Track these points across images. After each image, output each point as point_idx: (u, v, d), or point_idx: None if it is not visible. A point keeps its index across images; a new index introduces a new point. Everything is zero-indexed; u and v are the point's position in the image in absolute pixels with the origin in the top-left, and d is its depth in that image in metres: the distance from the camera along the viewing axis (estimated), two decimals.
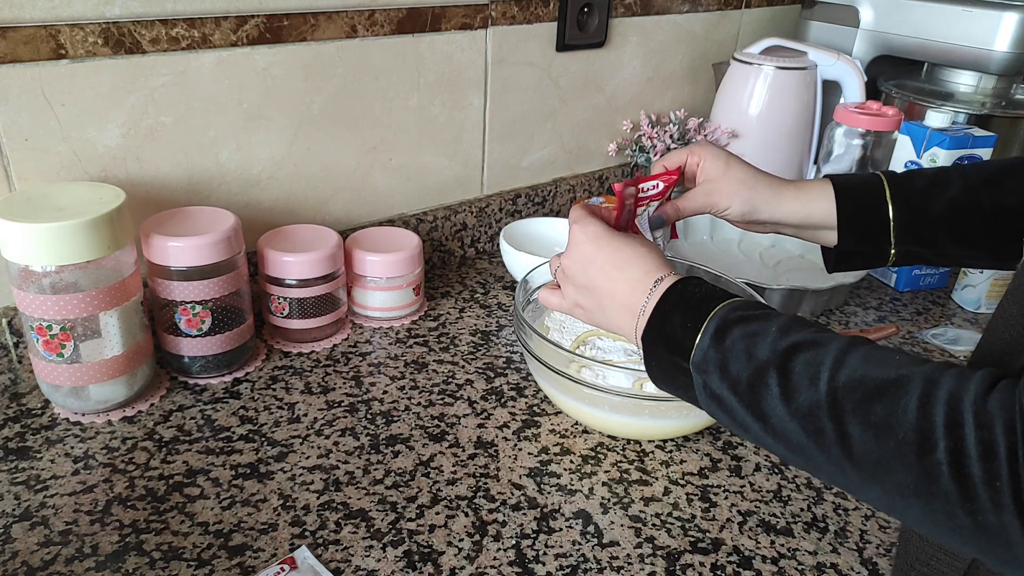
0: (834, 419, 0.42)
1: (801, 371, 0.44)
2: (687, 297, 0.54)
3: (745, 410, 0.47)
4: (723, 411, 0.49)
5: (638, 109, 1.26)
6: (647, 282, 0.56)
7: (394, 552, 0.61)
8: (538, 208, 1.19)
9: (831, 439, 0.42)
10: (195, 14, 0.78)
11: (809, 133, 1.25)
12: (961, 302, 1.06)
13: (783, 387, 0.45)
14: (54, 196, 0.71)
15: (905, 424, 0.39)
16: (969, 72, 1.20)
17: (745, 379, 0.47)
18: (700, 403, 0.52)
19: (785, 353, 0.46)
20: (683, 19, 1.26)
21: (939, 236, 0.65)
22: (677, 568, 0.61)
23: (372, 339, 0.91)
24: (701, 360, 0.50)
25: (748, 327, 0.49)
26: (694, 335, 0.51)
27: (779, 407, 0.45)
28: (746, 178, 0.67)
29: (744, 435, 0.49)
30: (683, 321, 0.52)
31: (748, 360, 0.47)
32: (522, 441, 0.75)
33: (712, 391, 0.49)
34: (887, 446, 0.40)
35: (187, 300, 0.77)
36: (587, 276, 0.59)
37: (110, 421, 0.74)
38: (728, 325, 0.50)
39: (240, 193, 0.89)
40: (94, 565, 0.58)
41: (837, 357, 0.44)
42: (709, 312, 0.51)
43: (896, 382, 0.41)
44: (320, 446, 0.72)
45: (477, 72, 1.04)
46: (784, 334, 0.47)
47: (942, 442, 0.38)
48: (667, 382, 0.55)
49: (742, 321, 0.49)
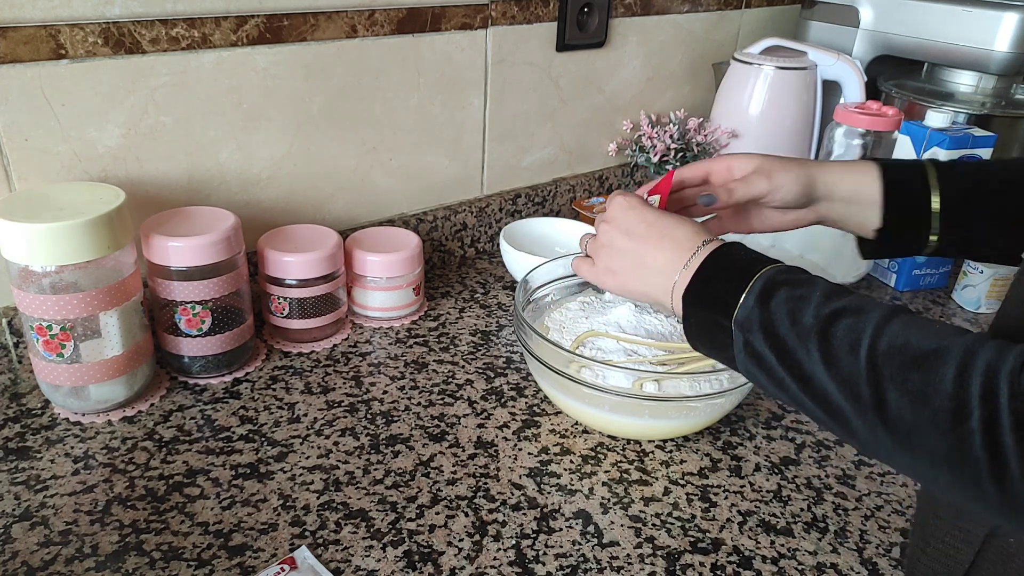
0: (872, 385, 0.43)
1: (843, 337, 0.45)
2: (733, 259, 0.55)
3: (785, 371, 0.48)
4: (762, 370, 0.50)
5: (638, 109, 1.26)
6: (695, 241, 0.57)
7: (394, 552, 0.61)
8: (538, 208, 1.19)
9: (868, 404, 0.43)
10: (195, 14, 0.78)
11: (809, 133, 1.25)
12: (961, 302, 1.06)
13: (824, 352, 0.46)
14: (54, 196, 0.71)
15: (942, 393, 0.40)
16: (969, 72, 1.20)
17: (789, 341, 0.48)
18: (736, 361, 0.53)
19: (828, 318, 0.47)
20: (683, 19, 1.26)
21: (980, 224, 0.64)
22: (677, 568, 0.61)
23: (372, 339, 0.91)
24: (744, 318, 0.51)
25: (794, 291, 0.50)
26: (738, 294, 0.51)
27: (820, 370, 0.46)
28: (787, 159, 0.67)
29: (780, 394, 0.50)
30: (727, 280, 0.53)
31: (792, 323, 0.48)
32: (522, 441, 0.75)
33: (754, 349, 0.50)
34: (922, 413, 0.41)
35: (187, 300, 0.77)
36: (630, 237, 0.60)
37: (110, 421, 0.74)
38: (774, 287, 0.51)
39: (240, 193, 0.89)
40: (94, 565, 0.58)
41: (878, 324, 0.45)
42: (755, 273, 0.52)
43: (935, 352, 0.42)
44: (320, 446, 0.72)
45: (477, 72, 1.04)
46: (828, 300, 0.48)
47: (976, 411, 0.39)
48: (704, 340, 0.55)
49: (788, 284, 0.50)
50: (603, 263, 0.63)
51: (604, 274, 0.63)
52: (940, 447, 0.40)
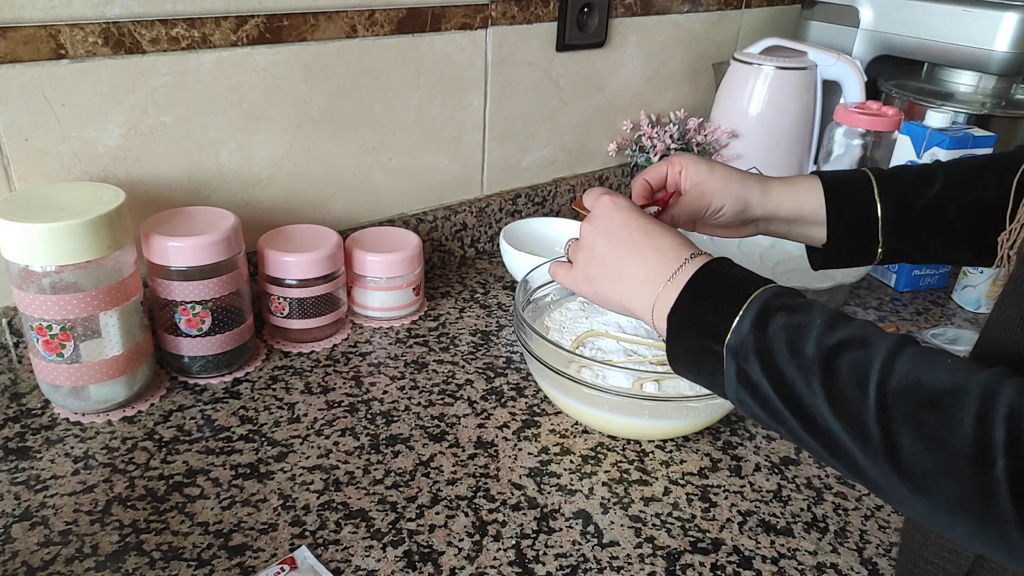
0: (882, 426, 0.40)
1: (849, 371, 0.43)
2: (724, 277, 0.52)
3: (783, 403, 0.45)
4: (756, 401, 0.47)
5: (638, 109, 1.26)
6: (679, 254, 0.53)
7: (394, 552, 0.61)
8: (538, 208, 1.19)
9: (877, 446, 0.40)
10: (195, 14, 0.78)
11: (809, 133, 1.25)
12: (961, 302, 1.06)
13: (828, 386, 0.43)
14: (54, 196, 0.71)
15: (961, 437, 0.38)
16: (969, 72, 1.20)
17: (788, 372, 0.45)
18: (726, 389, 0.49)
19: (832, 350, 0.44)
20: (683, 19, 1.26)
21: (923, 233, 0.65)
22: (677, 568, 0.61)
23: (372, 339, 0.91)
24: (738, 345, 0.47)
25: (792, 317, 0.47)
26: (730, 317, 0.48)
27: (822, 406, 0.43)
28: (732, 176, 0.67)
29: (776, 427, 0.47)
30: (718, 302, 0.50)
31: (792, 353, 0.45)
32: (522, 441, 0.75)
33: (748, 378, 0.47)
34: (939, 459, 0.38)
35: (187, 300, 0.77)
36: (611, 242, 0.57)
37: (110, 421, 0.74)
38: (770, 311, 0.47)
39: (240, 193, 0.89)
40: (94, 565, 0.58)
41: (887, 359, 0.42)
42: (749, 295, 0.49)
43: (952, 391, 0.39)
44: (320, 446, 0.72)
45: (477, 72, 1.04)
46: (830, 329, 0.45)
47: (1001, 460, 0.36)
48: (690, 365, 0.52)
49: (785, 309, 0.47)
50: (581, 268, 0.59)
51: (581, 280, 0.60)
52: (959, 495, 0.38)
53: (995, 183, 0.62)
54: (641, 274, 0.55)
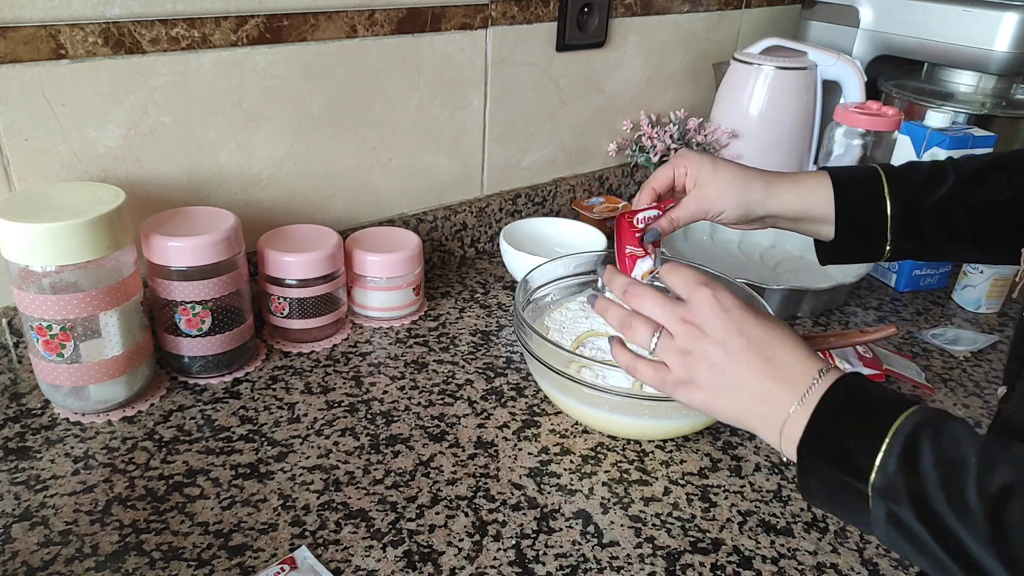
0: None
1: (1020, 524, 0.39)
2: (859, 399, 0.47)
3: (946, 553, 0.41)
4: (914, 547, 0.43)
5: (638, 109, 1.26)
6: (808, 371, 0.48)
7: (394, 552, 0.61)
8: (538, 208, 1.19)
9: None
10: (195, 14, 0.78)
11: (809, 133, 1.25)
12: (961, 302, 1.06)
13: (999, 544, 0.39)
14: (54, 196, 0.71)
15: None
16: (969, 72, 1.20)
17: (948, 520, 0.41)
18: (876, 530, 0.45)
19: (998, 500, 0.40)
20: (683, 19, 1.26)
21: (932, 232, 0.65)
22: (677, 568, 0.61)
23: (372, 339, 0.91)
24: (886, 486, 0.43)
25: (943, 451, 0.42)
26: (873, 452, 0.44)
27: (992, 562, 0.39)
28: (735, 177, 0.66)
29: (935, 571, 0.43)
30: (856, 431, 0.45)
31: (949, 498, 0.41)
32: (522, 441, 0.75)
33: (900, 520, 0.43)
34: None
35: (187, 300, 0.77)
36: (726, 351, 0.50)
37: (110, 421, 0.74)
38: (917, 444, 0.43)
39: (240, 193, 0.89)
40: (94, 565, 0.58)
41: None
42: (891, 424, 0.44)
43: None
44: (320, 446, 0.72)
45: (477, 72, 1.04)
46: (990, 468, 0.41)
47: None
48: (826, 499, 0.48)
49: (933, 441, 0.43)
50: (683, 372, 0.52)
51: (683, 386, 0.53)
52: None
53: (1006, 183, 0.62)
54: (765, 391, 0.49)
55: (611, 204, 1.20)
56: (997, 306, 1.05)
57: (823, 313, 1.02)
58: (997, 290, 1.03)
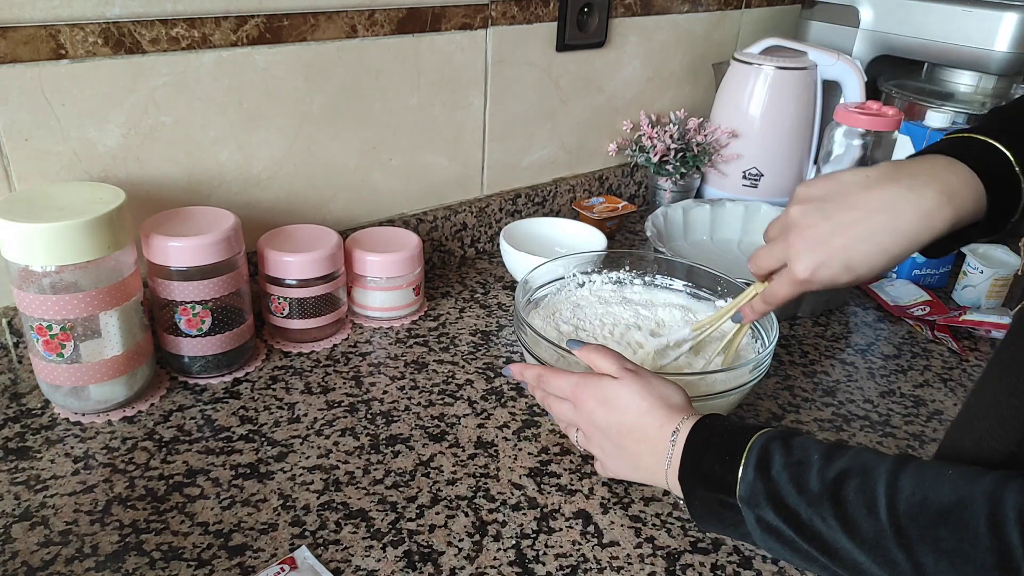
0: (904, 549, 0.42)
1: (856, 500, 0.44)
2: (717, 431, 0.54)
3: (808, 543, 0.46)
4: (783, 545, 0.48)
5: (638, 109, 1.26)
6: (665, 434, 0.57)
7: (394, 552, 0.61)
8: (538, 208, 1.19)
9: (905, 570, 0.42)
10: (195, 14, 0.78)
11: (809, 133, 1.25)
12: (961, 302, 1.06)
13: (841, 519, 0.44)
14: (54, 196, 0.71)
15: (980, 548, 0.39)
16: (969, 72, 1.20)
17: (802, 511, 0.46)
18: (755, 538, 0.51)
19: (836, 482, 0.45)
20: (683, 19, 1.26)
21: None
22: (677, 568, 0.61)
23: (372, 339, 0.91)
24: (749, 494, 0.50)
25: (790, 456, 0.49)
26: (735, 468, 0.51)
27: (843, 540, 0.44)
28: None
29: (810, 567, 0.48)
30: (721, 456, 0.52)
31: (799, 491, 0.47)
32: (522, 441, 0.75)
33: (768, 524, 0.49)
34: (965, 571, 0.39)
35: (187, 300, 0.77)
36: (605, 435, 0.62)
37: (110, 421, 0.74)
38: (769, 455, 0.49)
39: (240, 193, 0.89)
40: (94, 565, 0.58)
41: (889, 481, 0.43)
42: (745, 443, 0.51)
43: (958, 503, 0.40)
44: (320, 446, 0.72)
45: (477, 72, 1.04)
46: (829, 461, 0.47)
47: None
48: (714, 521, 0.54)
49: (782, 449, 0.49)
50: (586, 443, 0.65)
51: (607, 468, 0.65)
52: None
53: None
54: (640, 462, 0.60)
55: (611, 204, 1.20)
56: (997, 305, 1.05)
57: (823, 313, 1.02)
58: (997, 290, 1.03)
